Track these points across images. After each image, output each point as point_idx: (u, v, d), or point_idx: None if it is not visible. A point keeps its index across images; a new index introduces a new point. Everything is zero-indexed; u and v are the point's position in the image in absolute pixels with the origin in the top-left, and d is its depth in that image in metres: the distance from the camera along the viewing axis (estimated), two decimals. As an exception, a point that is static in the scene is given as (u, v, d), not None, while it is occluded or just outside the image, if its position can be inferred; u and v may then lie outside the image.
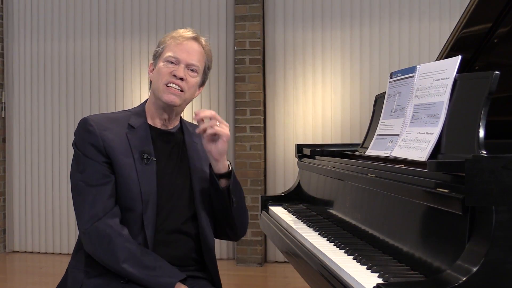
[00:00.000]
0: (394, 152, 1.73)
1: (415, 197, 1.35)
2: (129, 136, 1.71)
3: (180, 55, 1.74)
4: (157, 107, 1.77)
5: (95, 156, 1.66)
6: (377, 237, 1.57)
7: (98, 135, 1.67)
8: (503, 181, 1.08)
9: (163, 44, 1.80)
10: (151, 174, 1.70)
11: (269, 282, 4.40)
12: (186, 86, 1.74)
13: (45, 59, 5.25)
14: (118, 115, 1.79)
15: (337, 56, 4.76)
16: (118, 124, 1.74)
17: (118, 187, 1.67)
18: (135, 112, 1.80)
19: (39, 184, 5.26)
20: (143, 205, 1.66)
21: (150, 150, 1.72)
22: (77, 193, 1.67)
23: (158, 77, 1.75)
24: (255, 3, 4.79)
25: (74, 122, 5.14)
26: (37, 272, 4.71)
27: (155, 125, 1.79)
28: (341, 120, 4.73)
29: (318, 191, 2.29)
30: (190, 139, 1.85)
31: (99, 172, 1.65)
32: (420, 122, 1.65)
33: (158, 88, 1.74)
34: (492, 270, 1.04)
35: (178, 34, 1.79)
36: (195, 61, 1.76)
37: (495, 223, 1.06)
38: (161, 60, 1.76)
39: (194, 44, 1.78)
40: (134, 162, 1.68)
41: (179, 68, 1.73)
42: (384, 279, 1.25)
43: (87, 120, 1.71)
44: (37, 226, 5.27)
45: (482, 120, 1.34)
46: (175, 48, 1.75)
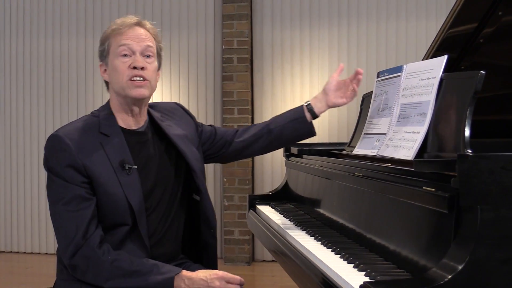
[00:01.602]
0: (381, 151, 1.74)
1: (401, 195, 1.35)
2: (105, 147, 1.62)
3: (132, 43, 1.65)
4: (125, 105, 1.68)
5: (73, 179, 1.57)
6: (364, 236, 1.58)
7: (75, 155, 1.57)
8: (491, 180, 1.09)
9: (106, 40, 1.68)
10: (136, 184, 1.63)
11: (257, 281, 4.41)
12: (149, 74, 1.66)
13: (31, 57, 5.20)
14: (87, 123, 1.67)
15: (324, 55, 4.77)
16: (90, 134, 1.63)
17: (104, 206, 1.60)
18: (104, 117, 1.68)
19: (24, 183, 5.22)
20: (135, 217, 1.61)
21: (129, 158, 1.64)
22: (58, 222, 1.59)
23: (117, 74, 1.65)
24: (243, 2, 4.79)
25: (61, 120, 5.10)
26: (23, 272, 4.67)
27: (127, 126, 1.70)
28: (329, 119, 4.74)
29: (306, 190, 2.29)
30: (166, 126, 1.79)
31: (78, 196, 1.56)
32: (407, 121, 1.66)
33: (121, 86, 1.64)
34: (477, 268, 1.05)
35: (119, 24, 1.67)
36: (149, 43, 1.68)
37: (480, 222, 1.07)
38: (112, 56, 1.66)
39: (140, 30, 1.68)
40: (116, 175, 1.60)
41: (136, 58, 1.64)
42: (370, 278, 1.26)
43: (60, 138, 1.59)
44: (22, 226, 5.22)
45: (468, 119, 1.35)
46: (123, 38, 1.65)
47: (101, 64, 1.72)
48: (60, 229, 1.58)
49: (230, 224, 4.80)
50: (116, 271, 1.53)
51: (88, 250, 1.54)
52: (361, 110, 2.22)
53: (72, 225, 1.55)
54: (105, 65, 1.70)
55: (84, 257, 1.54)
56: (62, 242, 1.57)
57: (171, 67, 4.94)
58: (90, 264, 1.54)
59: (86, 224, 1.55)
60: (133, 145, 1.68)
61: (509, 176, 1.08)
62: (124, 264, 1.54)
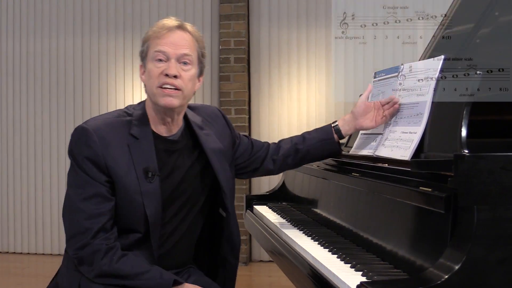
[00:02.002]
0: (378, 151, 1.74)
1: (398, 196, 1.36)
2: (132, 149, 1.56)
3: (167, 49, 1.56)
4: (157, 112, 1.61)
5: (96, 176, 1.53)
6: (361, 236, 1.58)
7: (100, 154, 1.53)
8: (488, 180, 1.09)
9: (146, 41, 1.62)
10: (156, 195, 1.57)
11: (254, 281, 4.40)
12: (182, 83, 1.57)
13: (28, 57, 5.19)
14: (119, 120, 1.60)
15: (321, 55, 4.77)
16: (119, 134, 1.57)
17: (120, 209, 1.56)
18: (137, 118, 1.62)
19: (21, 184, 5.20)
20: (148, 227, 1.56)
21: (154, 166, 1.57)
22: (72, 215, 1.55)
23: (150, 79, 1.58)
24: (240, 2, 4.78)
25: (57, 121, 5.09)
26: (19, 273, 4.65)
27: (159, 131, 1.63)
28: (326, 119, 4.74)
29: (303, 190, 2.29)
30: (204, 136, 1.71)
31: (100, 195, 1.52)
32: (404, 122, 1.66)
33: (152, 92, 1.58)
34: (474, 268, 1.05)
35: (159, 27, 1.59)
36: (186, 51, 1.58)
37: (477, 222, 1.07)
38: (149, 59, 1.59)
39: (180, 33, 1.59)
40: (138, 181, 1.55)
41: (170, 65, 1.56)
42: (367, 278, 1.26)
43: (88, 132, 1.54)
44: (19, 226, 5.21)
45: (464, 119, 1.36)
46: (160, 42, 1.57)
47: (141, 65, 1.66)
48: (73, 221, 1.54)
49: (227, 224, 4.80)
50: (114, 274, 1.51)
51: (96, 248, 1.50)
52: (358, 110, 2.21)
53: (87, 223, 1.51)
54: (144, 66, 1.63)
55: (91, 253, 1.51)
56: (72, 234, 1.54)
57: (168, 67, 4.93)
58: (95, 262, 1.51)
59: (101, 225, 1.52)
60: (161, 152, 1.62)
61: (507, 176, 1.09)
62: (125, 268, 1.51)
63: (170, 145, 1.65)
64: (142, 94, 4.94)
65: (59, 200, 5.08)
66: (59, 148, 5.09)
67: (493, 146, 1.83)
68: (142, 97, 4.86)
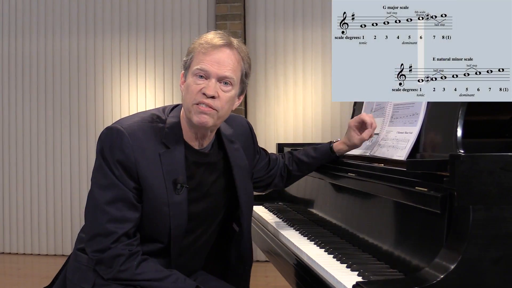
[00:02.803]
0: (374, 151, 1.75)
1: (394, 196, 1.36)
2: (163, 159, 1.53)
3: (210, 68, 1.51)
4: (190, 126, 1.57)
5: (125, 181, 1.50)
6: (357, 236, 1.59)
7: (133, 160, 1.49)
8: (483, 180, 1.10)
9: (191, 52, 1.56)
10: (183, 207, 1.55)
11: (251, 281, 4.40)
12: (219, 104, 1.52)
13: (23, 57, 5.17)
14: (152, 126, 1.56)
15: (318, 56, 4.78)
16: (152, 140, 1.53)
17: (145, 219, 1.53)
18: (170, 126, 1.57)
19: (17, 184, 5.18)
20: (171, 238, 1.55)
21: (183, 178, 1.55)
22: (95, 211, 1.51)
23: (188, 94, 1.53)
24: (236, 2, 4.78)
25: (53, 120, 5.08)
26: (15, 273, 4.64)
27: (190, 143, 1.60)
28: (322, 120, 4.75)
29: (299, 190, 2.30)
30: (234, 151, 1.70)
31: (126, 200, 1.49)
32: (399, 122, 1.67)
33: (187, 107, 1.53)
34: (469, 268, 1.05)
35: (206, 41, 1.54)
36: (228, 73, 1.53)
37: (472, 221, 1.07)
38: (190, 73, 1.54)
39: (226, 52, 1.54)
40: (167, 192, 1.52)
41: (210, 84, 1.50)
42: (363, 277, 1.26)
43: (123, 136, 1.50)
44: (14, 227, 5.19)
45: (460, 119, 1.36)
46: (204, 59, 1.52)
47: (182, 73, 1.61)
48: (95, 222, 1.50)
49: (223, 225, 4.80)
50: (134, 279, 1.49)
51: (118, 253, 1.48)
52: (354, 110, 2.22)
53: (110, 226, 1.48)
54: (185, 76, 1.58)
55: (112, 257, 1.48)
56: (93, 234, 1.50)
57: (165, 67, 4.92)
58: (114, 265, 1.48)
59: (125, 230, 1.49)
60: (190, 164, 1.59)
61: (503, 176, 1.09)
62: (146, 276, 1.49)
63: (200, 157, 1.62)
64: (139, 94, 4.94)
65: (55, 201, 5.07)
66: (55, 149, 5.08)
67: (489, 146, 1.84)
68: (139, 97, 4.88)
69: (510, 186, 1.09)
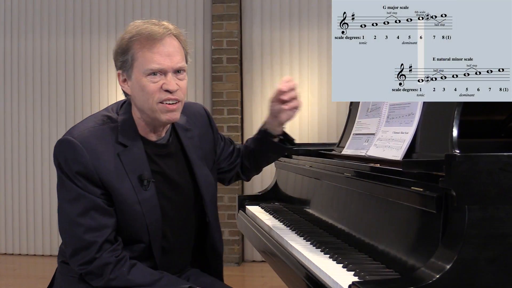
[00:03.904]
0: (370, 151, 1.75)
1: (390, 196, 1.36)
2: (123, 159, 1.50)
3: (164, 63, 1.47)
4: (149, 122, 1.55)
5: (90, 189, 1.47)
6: (353, 236, 1.59)
7: (92, 169, 1.46)
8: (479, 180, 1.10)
9: (129, 50, 1.49)
10: (154, 201, 1.54)
11: (247, 282, 4.40)
12: (181, 94, 1.52)
13: (19, 57, 5.16)
14: (104, 128, 1.53)
15: (314, 56, 4.78)
16: (107, 142, 1.50)
17: (121, 221, 1.52)
18: (123, 123, 1.54)
19: (12, 185, 5.17)
20: (150, 235, 1.54)
21: (148, 173, 1.53)
22: (70, 226, 1.49)
23: (145, 95, 1.49)
24: (232, 2, 4.78)
25: (49, 120, 5.06)
26: (10, 274, 4.63)
27: (148, 136, 1.58)
28: (318, 120, 4.76)
29: (295, 190, 2.29)
30: (188, 140, 1.67)
31: (97, 207, 1.47)
32: (395, 122, 1.67)
33: (150, 108, 1.49)
34: (465, 267, 1.05)
35: (145, 36, 1.47)
36: (180, 64, 1.51)
37: (468, 221, 1.07)
38: (138, 73, 1.48)
39: (169, 41, 1.50)
40: (135, 191, 1.50)
41: (169, 80, 1.48)
42: (359, 277, 1.26)
43: (76, 146, 1.46)
44: (10, 227, 5.18)
45: (455, 119, 1.37)
46: (152, 56, 1.47)
47: (120, 73, 1.54)
48: (74, 237, 1.48)
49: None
50: (127, 285, 1.48)
51: (105, 262, 1.46)
52: (350, 110, 2.22)
53: (89, 237, 1.46)
54: (126, 76, 1.52)
55: (100, 266, 1.46)
56: (75, 250, 1.48)
57: (160, 67, 4.92)
58: (104, 274, 1.47)
59: (105, 237, 1.47)
60: (152, 158, 1.57)
61: (498, 176, 1.09)
62: (137, 280, 1.49)
63: (160, 149, 1.60)
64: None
65: (51, 201, 5.06)
66: (50, 149, 5.06)
67: (485, 146, 1.84)
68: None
69: (507, 186, 1.09)
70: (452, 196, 1.10)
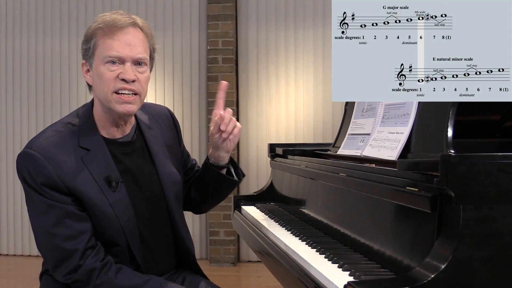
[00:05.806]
0: (365, 151, 1.75)
1: (385, 195, 1.36)
2: (87, 163, 1.47)
3: (122, 51, 1.44)
4: (109, 116, 1.52)
5: (59, 199, 1.44)
6: (348, 236, 1.59)
7: (55, 178, 1.43)
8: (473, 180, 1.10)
9: (92, 38, 1.47)
10: (126, 202, 1.51)
11: (242, 282, 4.40)
12: (139, 87, 1.48)
13: (14, 57, 5.14)
14: (62, 135, 1.49)
15: (309, 56, 4.78)
16: (67, 149, 1.46)
17: (96, 225, 1.49)
18: (83, 127, 1.51)
19: (7, 185, 5.15)
20: (127, 236, 1.51)
21: (116, 173, 1.50)
22: (46, 239, 1.45)
23: (102, 83, 1.46)
24: (227, 3, 4.78)
25: (44, 121, 5.05)
26: (5, 274, 4.61)
27: (111, 135, 1.55)
28: (314, 120, 4.76)
29: (291, 191, 2.30)
30: (151, 137, 1.64)
31: (69, 215, 1.44)
32: (391, 122, 1.67)
33: (106, 97, 1.46)
34: (460, 267, 1.06)
35: (108, 24, 1.45)
36: (141, 55, 1.48)
37: (463, 221, 1.08)
38: (98, 60, 1.46)
39: (133, 31, 1.47)
40: (104, 194, 1.47)
41: (126, 68, 1.45)
42: (355, 277, 1.26)
43: (35, 158, 1.43)
44: (5, 227, 5.16)
45: (450, 119, 1.37)
46: (112, 43, 1.44)
47: (84, 62, 1.52)
48: (53, 249, 1.45)
49: (215, 225, 4.79)
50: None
51: (90, 268, 1.44)
52: (345, 110, 2.23)
53: (68, 245, 1.43)
54: (89, 65, 1.51)
55: (86, 273, 1.44)
56: (57, 262, 1.46)
57: (156, 67, 4.91)
58: (92, 280, 1.45)
59: (84, 243, 1.44)
60: (118, 157, 1.54)
61: (494, 176, 1.10)
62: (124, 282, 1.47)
63: (124, 147, 1.57)
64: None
65: (46, 201, 5.04)
66: (45, 149, 5.05)
67: (480, 146, 1.85)
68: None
69: (502, 186, 1.09)
70: (447, 196, 1.11)
